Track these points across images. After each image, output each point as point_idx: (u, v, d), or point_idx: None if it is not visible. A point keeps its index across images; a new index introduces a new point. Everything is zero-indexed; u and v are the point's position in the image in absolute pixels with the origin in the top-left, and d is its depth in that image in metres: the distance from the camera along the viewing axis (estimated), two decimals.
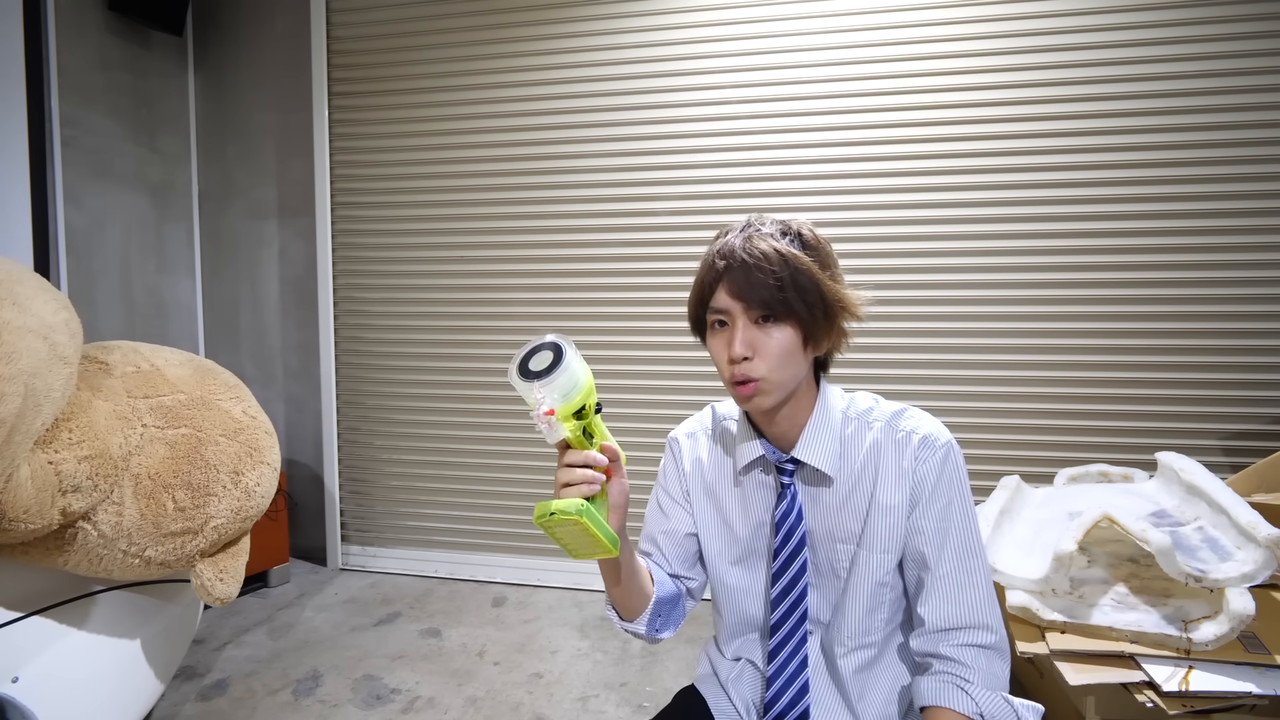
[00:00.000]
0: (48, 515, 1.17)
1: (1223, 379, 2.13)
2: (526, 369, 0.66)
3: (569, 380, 0.66)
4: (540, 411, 0.65)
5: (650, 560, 0.94)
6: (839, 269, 0.82)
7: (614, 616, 0.91)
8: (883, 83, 2.23)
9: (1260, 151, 2.06)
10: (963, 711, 0.74)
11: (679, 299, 2.38)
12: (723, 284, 0.78)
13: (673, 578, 0.94)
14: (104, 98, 2.42)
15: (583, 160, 2.45)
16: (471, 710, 1.76)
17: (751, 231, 0.79)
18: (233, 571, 1.46)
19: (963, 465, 0.83)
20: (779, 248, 0.76)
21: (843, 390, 0.89)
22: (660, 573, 0.92)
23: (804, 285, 0.75)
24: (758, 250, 0.76)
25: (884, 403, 0.87)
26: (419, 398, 2.65)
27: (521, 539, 2.60)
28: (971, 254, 2.23)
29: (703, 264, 0.82)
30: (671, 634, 0.93)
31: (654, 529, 0.96)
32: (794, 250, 0.76)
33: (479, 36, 2.48)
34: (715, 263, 0.79)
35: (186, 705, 1.76)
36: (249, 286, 2.78)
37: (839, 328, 0.80)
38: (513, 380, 0.67)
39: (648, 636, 0.90)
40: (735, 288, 0.77)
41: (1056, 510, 1.75)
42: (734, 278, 0.77)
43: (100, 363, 1.42)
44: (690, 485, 0.94)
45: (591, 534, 0.69)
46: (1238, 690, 1.26)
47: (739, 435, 0.90)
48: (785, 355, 0.77)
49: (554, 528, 0.68)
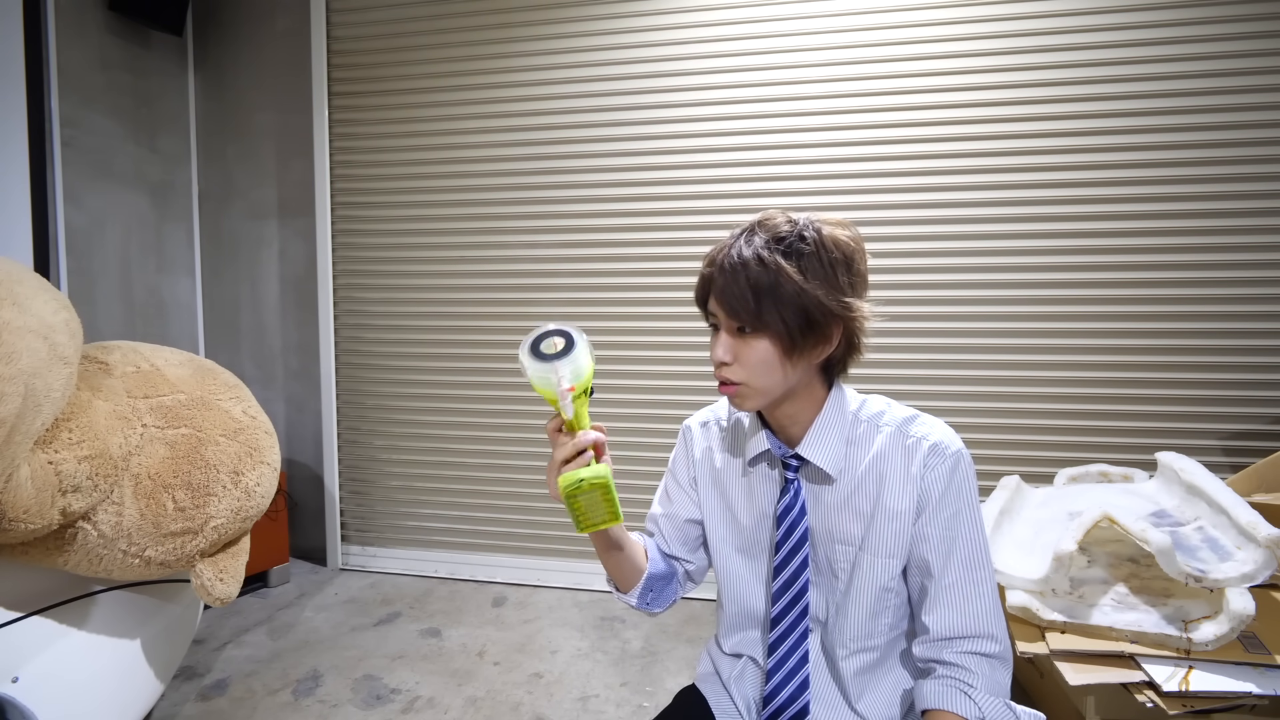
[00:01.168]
0: (48, 515, 1.17)
1: (1223, 379, 2.13)
2: (539, 352, 0.72)
3: (583, 363, 0.72)
4: (564, 388, 0.71)
5: (651, 540, 0.98)
6: (856, 274, 0.78)
7: (612, 587, 0.95)
8: (885, 82, 2.23)
9: (1260, 151, 2.06)
10: (965, 715, 0.74)
11: (677, 299, 2.39)
12: (712, 289, 0.79)
13: (671, 558, 0.98)
14: (104, 98, 2.42)
15: (582, 160, 2.45)
16: (471, 710, 1.76)
17: (747, 235, 0.78)
18: (233, 571, 1.46)
19: (973, 474, 0.82)
20: (762, 255, 0.75)
21: (856, 392, 0.88)
22: (655, 550, 0.96)
23: (784, 297, 0.74)
24: (739, 259, 0.76)
25: (896, 407, 0.86)
26: (419, 398, 2.65)
27: (521, 539, 2.60)
28: (971, 254, 2.23)
29: (703, 262, 0.83)
30: (662, 609, 0.97)
31: (657, 510, 1.00)
32: (778, 259, 0.74)
33: (479, 36, 2.48)
34: (708, 266, 0.81)
35: (186, 705, 1.76)
36: (249, 286, 2.78)
37: (837, 338, 0.78)
38: (526, 361, 0.72)
39: (640, 608, 0.94)
40: (719, 295, 0.78)
41: (1056, 510, 1.75)
42: (718, 285, 0.78)
43: (100, 363, 1.42)
44: (698, 473, 0.95)
45: (610, 500, 0.75)
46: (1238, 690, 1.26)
47: (749, 428, 0.90)
48: (763, 365, 0.77)
49: (579, 496, 0.73)
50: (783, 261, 0.74)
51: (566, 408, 0.73)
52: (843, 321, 0.77)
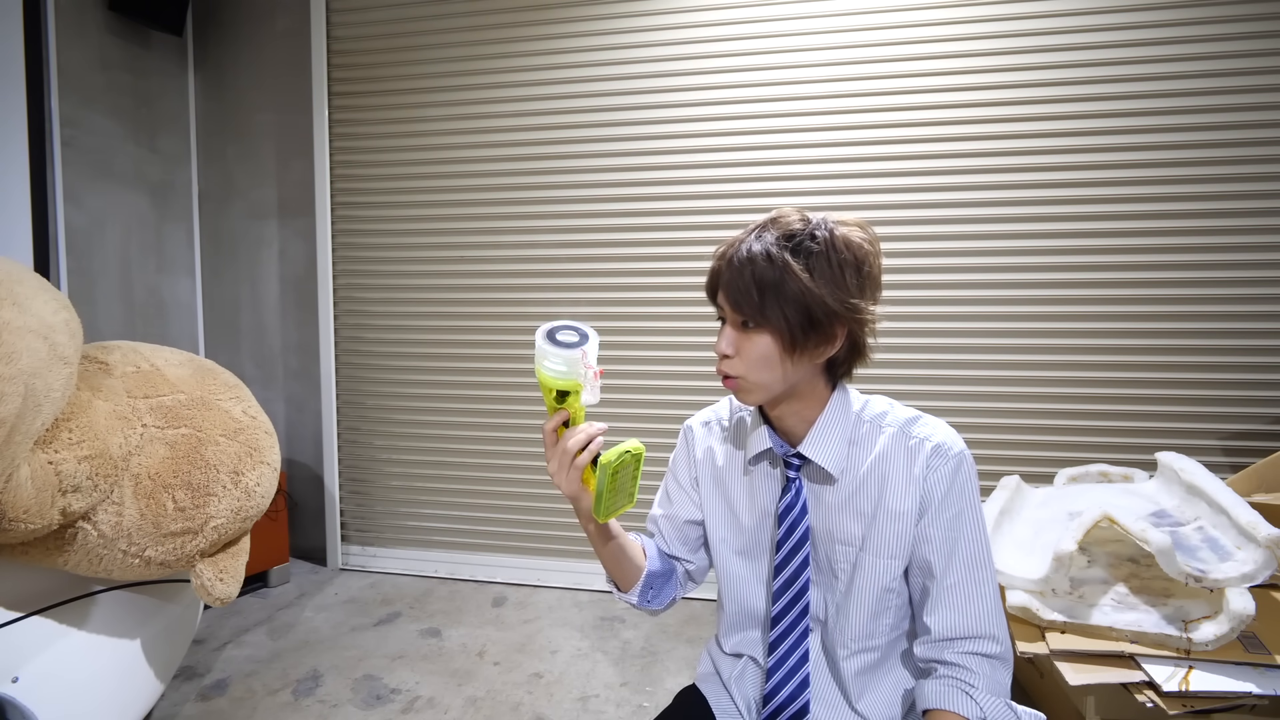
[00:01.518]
0: (48, 515, 1.17)
1: (1223, 379, 2.13)
2: (558, 341, 0.74)
3: (596, 351, 0.76)
4: (593, 369, 0.74)
5: (651, 540, 0.99)
6: (867, 277, 0.78)
7: (612, 586, 0.95)
8: (887, 82, 2.23)
9: (1260, 151, 2.06)
10: (967, 715, 0.75)
11: (677, 299, 2.39)
12: (720, 283, 0.80)
13: (671, 558, 0.98)
14: (104, 98, 2.42)
15: (582, 160, 2.45)
16: (471, 710, 1.76)
17: (759, 231, 0.78)
18: (233, 571, 1.46)
19: (975, 476, 0.82)
20: (770, 251, 0.75)
21: (859, 393, 0.89)
22: (655, 550, 0.96)
23: (788, 294, 0.74)
24: (748, 254, 0.77)
25: (899, 408, 0.87)
26: (419, 398, 2.65)
27: (521, 539, 2.60)
28: (972, 254, 2.23)
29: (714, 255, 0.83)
30: (662, 608, 0.97)
31: (657, 512, 1.00)
32: (786, 256, 0.75)
33: (479, 37, 2.49)
34: (717, 260, 0.81)
35: (186, 705, 1.76)
36: (249, 286, 2.78)
37: (841, 338, 0.79)
38: (550, 348, 0.73)
39: (640, 606, 0.94)
40: (725, 290, 0.79)
41: (1056, 510, 1.75)
42: (725, 280, 0.79)
43: (100, 363, 1.42)
44: (700, 473, 0.96)
45: (636, 478, 0.79)
46: (1238, 690, 1.26)
47: (751, 425, 0.91)
48: (763, 361, 0.78)
49: (619, 470, 0.74)
50: (790, 259, 0.75)
51: (594, 390, 0.75)
52: (847, 323, 0.77)
